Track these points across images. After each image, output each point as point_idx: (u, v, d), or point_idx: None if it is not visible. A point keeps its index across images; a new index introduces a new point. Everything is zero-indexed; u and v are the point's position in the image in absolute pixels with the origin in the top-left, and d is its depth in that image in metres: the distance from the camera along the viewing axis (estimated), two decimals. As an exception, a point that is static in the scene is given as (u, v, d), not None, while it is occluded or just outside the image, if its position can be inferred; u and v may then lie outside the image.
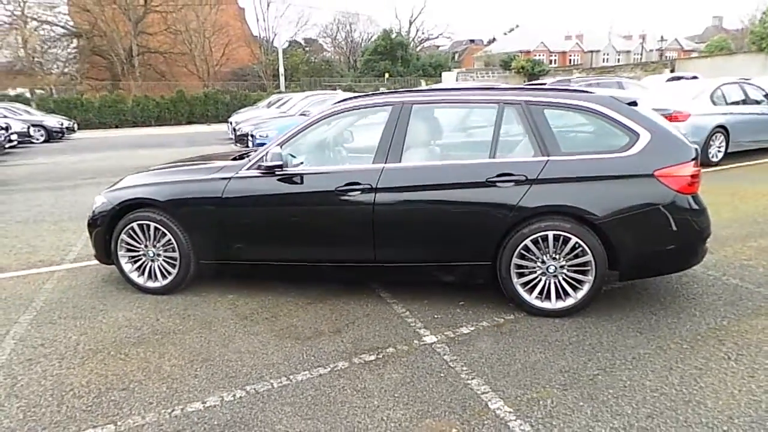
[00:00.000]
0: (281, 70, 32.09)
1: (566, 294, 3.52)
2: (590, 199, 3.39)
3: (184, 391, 2.78)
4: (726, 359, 2.99)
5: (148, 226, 3.97)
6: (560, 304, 3.53)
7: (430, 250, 3.66)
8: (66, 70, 43.47)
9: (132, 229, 4.00)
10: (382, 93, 4.13)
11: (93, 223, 4.13)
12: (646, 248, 3.48)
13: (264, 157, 3.77)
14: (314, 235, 3.81)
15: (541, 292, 3.54)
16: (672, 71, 25.37)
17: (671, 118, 8.45)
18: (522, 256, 3.50)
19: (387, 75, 38.46)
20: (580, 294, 3.49)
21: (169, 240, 3.96)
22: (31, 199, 8.38)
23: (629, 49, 60.45)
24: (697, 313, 3.58)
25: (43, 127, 19.32)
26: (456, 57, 69.76)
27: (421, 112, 3.80)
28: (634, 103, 3.61)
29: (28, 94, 34.12)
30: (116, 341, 3.35)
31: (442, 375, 2.90)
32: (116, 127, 27.08)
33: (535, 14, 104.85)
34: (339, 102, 3.97)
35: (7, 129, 14.81)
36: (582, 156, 3.48)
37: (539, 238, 3.45)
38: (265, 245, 3.90)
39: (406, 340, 3.32)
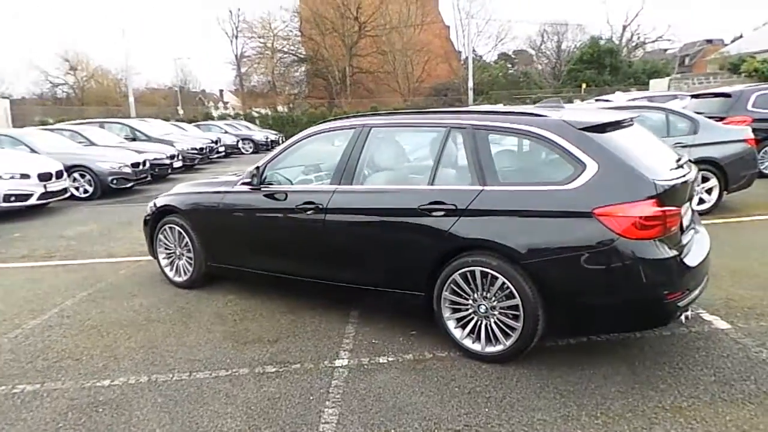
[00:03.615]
0: (470, 84, 32.48)
1: (497, 339, 3.17)
2: (517, 236, 3.01)
3: (110, 369, 3.34)
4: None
5: (173, 228, 4.72)
6: (490, 349, 3.20)
7: (369, 273, 3.64)
8: (295, 91, 50.73)
9: (164, 231, 4.81)
10: (354, 116, 4.21)
11: (145, 223, 5.05)
12: (583, 299, 2.94)
13: (246, 175, 4.21)
14: (281, 249, 4.10)
15: (474, 333, 3.26)
16: None
17: None
18: (454, 292, 3.27)
19: (584, 85, 35.82)
20: (510, 341, 3.11)
21: (187, 243, 4.65)
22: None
23: None
24: (665, 386, 2.88)
25: (252, 140, 23.03)
26: (686, 61, 61.37)
27: (378, 136, 3.79)
28: (600, 127, 3.07)
29: (268, 112, 40.83)
30: (114, 322, 4.11)
31: (310, 397, 2.94)
32: (320, 139, 30.67)
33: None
34: (317, 125, 4.19)
35: (216, 142, 18.13)
36: (518, 187, 3.11)
37: (468, 274, 3.19)
38: (247, 255, 4.33)
39: (319, 359, 3.39)
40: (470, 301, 3.23)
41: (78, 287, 4.97)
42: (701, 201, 6.78)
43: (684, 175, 3.17)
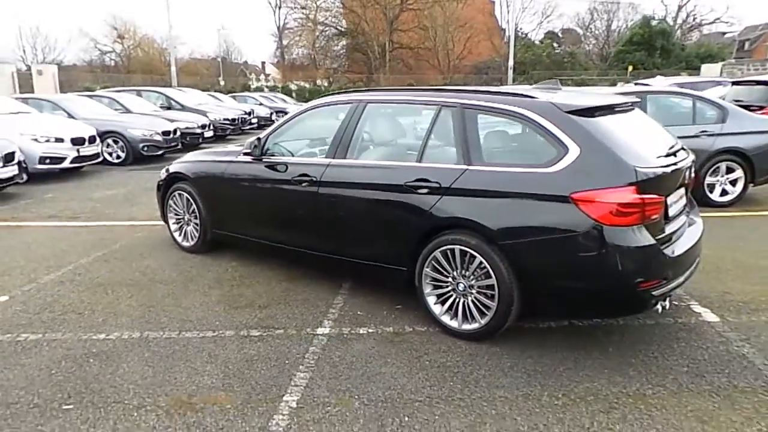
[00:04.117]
0: (510, 63, 31.71)
1: (473, 317, 3.21)
2: (497, 216, 3.02)
3: (108, 324, 3.55)
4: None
5: (182, 195, 4.91)
6: (466, 326, 3.25)
7: (357, 246, 3.73)
8: (335, 65, 50.73)
9: (174, 197, 5.00)
10: (353, 91, 4.23)
11: (157, 188, 5.26)
12: (558, 283, 2.95)
13: (247, 146, 4.32)
14: (278, 219, 4.21)
15: (452, 310, 3.31)
16: None
17: None
18: (435, 269, 3.32)
19: (631, 68, 34.44)
20: (485, 320, 3.15)
21: (194, 209, 4.83)
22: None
23: None
24: (635, 373, 2.87)
25: (285, 113, 23.23)
26: (746, 45, 58.06)
27: (374, 112, 3.83)
28: (588, 111, 3.03)
29: (306, 85, 41.13)
30: (121, 281, 4.34)
31: (286, 361, 3.07)
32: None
33: None
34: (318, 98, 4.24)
35: (250, 114, 18.41)
36: (502, 168, 3.10)
37: (448, 252, 3.23)
38: (247, 223, 4.48)
39: (303, 326, 3.51)
40: (450, 279, 3.28)
41: (94, 247, 5.24)
42: (724, 192, 6.56)
43: (674, 164, 3.09)
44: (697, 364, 2.95)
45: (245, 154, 4.36)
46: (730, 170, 6.49)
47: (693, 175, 3.54)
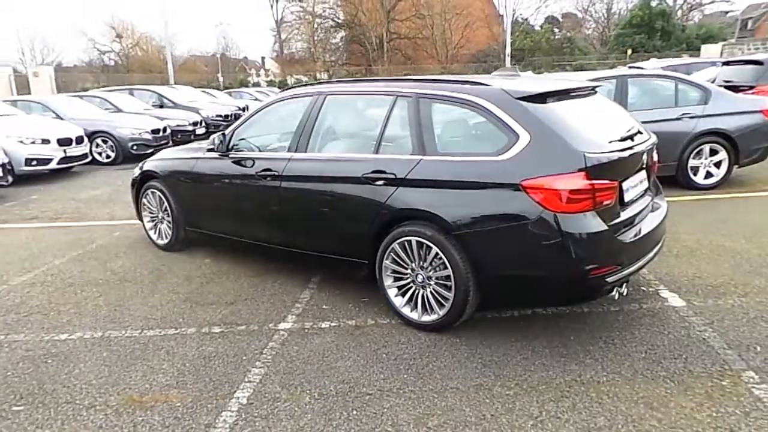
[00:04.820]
0: (507, 50, 31.43)
1: (432, 308, 3.19)
2: (450, 207, 2.99)
3: (72, 324, 3.55)
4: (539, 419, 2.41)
5: (155, 193, 4.89)
6: (425, 318, 3.23)
7: (320, 240, 3.71)
8: (333, 58, 50.54)
9: (147, 195, 4.99)
10: (315, 83, 4.19)
11: (132, 186, 5.23)
12: (511, 273, 2.92)
13: (210, 142, 4.30)
14: (245, 215, 4.19)
15: (412, 301, 3.29)
16: None
17: None
18: (395, 261, 3.29)
19: (630, 52, 34.02)
20: (443, 311, 3.12)
21: (166, 207, 4.82)
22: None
23: None
24: (591, 361, 2.84)
25: (281, 107, 23.18)
26: (749, 24, 57.25)
27: (333, 104, 3.79)
28: (540, 97, 2.97)
29: (305, 79, 41.00)
30: (91, 281, 4.34)
31: (243, 357, 3.06)
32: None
33: None
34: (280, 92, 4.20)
35: (244, 109, 18.36)
36: (455, 158, 3.06)
37: (405, 244, 3.20)
38: (215, 220, 4.47)
39: (265, 321, 3.50)
40: (409, 271, 3.25)
41: (71, 248, 5.25)
42: (709, 175, 6.47)
43: (629, 147, 3.04)
44: (655, 350, 2.92)
45: (209, 150, 4.34)
46: (713, 152, 6.40)
47: (655, 158, 3.49)
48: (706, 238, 4.70)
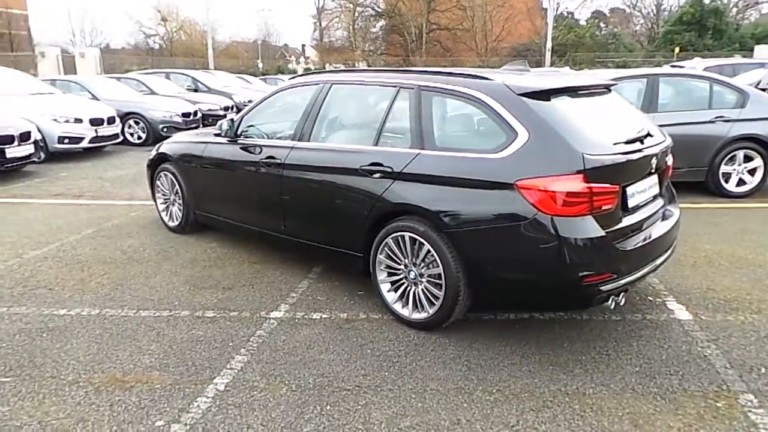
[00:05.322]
0: (549, 44, 30.65)
1: (422, 306, 3.12)
2: (444, 203, 2.90)
3: (73, 300, 3.63)
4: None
5: (167, 175, 4.96)
6: (416, 315, 3.16)
7: (318, 231, 3.68)
8: (372, 47, 50.47)
9: (160, 177, 5.06)
10: (324, 71, 4.14)
11: (147, 167, 5.31)
12: (502, 275, 2.82)
13: (217, 126, 4.31)
14: (248, 201, 4.20)
15: (404, 298, 3.23)
16: None
17: None
18: (389, 256, 3.24)
19: (677, 50, 32.67)
20: (433, 310, 3.05)
21: (177, 190, 4.88)
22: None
23: None
24: (581, 371, 2.72)
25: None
26: (811, 25, 54.16)
27: (337, 93, 3.73)
28: (544, 94, 2.84)
29: (341, 66, 41.12)
30: (100, 258, 4.43)
31: (230, 343, 3.06)
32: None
33: None
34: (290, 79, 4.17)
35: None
36: (452, 153, 2.97)
37: (399, 239, 3.14)
38: (220, 205, 4.50)
39: (258, 309, 3.50)
40: (402, 267, 3.19)
41: (87, 225, 5.38)
42: (741, 182, 6.15)
43: (637, 151, 2.88)
44: (651, 365, 2.77)
45: (216, 135, 4.36)
46: (748, 158, 6.07)
47: (670, 162, 3.31)
48: (729, 249, 4.46)
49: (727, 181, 6.13)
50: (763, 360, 2.80)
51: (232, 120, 4.27)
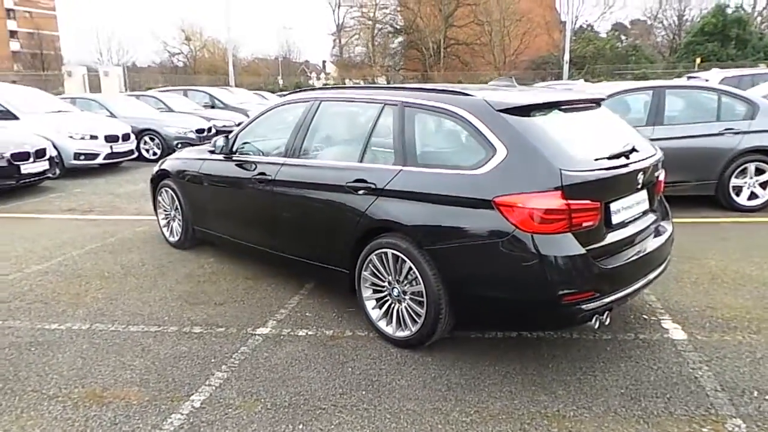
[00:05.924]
0: (566, 57, 30.45)
1: (406, 324, 3.08)
2: (424, 220, 2.88)
3: (66, 315, 3.68)
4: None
5: (168, 191, 5.03)
6: (399, 333, 3.12)
7: (307, 246, 3.68)
8: (391, 63, 50.86)
9: (161, 193, 5.13)
10: (315, 88, 4.16)
11: (150, 182, 5.40)
12: (481, 293, 2.77)
13: (211, 143, 4.36)
14: (241, 217, 4.23)
15: (388, 315, 3.19)
16: None
17: None
18: (373, 273, 3.21)
19: (698, 60, 32.12)
20: (416, 328, 3.01)
21: (177, 206, 4.94)
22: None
23: None
24: (563, 392, 2.64)
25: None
26: (840, 34, 52.85)
27: (326, 111, 3.75)
28: (524, 109, 2.81)
29: (360, 82, 41.56)
30: (99, 273, 4.50)
31: (212, 360, 3.06)
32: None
33: None
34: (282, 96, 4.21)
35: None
36: (433, 169, 2.95)
37: (382, 256, 3.11)
38: (216, 221, 4.53)
39: (245, 325, 3.49)
40: (386, 284, 3.16)
41: (92, 240, 5.48)
42: (753, 196, 5.97)
43: (622, 166, 2.82)
44: (637, 387, 2.68)
45: (210, 152, 4.41)
46: (760, 171, 5.90)
47: (661, 177, 3.23)
48: (734, 266, 4.32)
49: (738, 195, 5.96)
50: (756, 382, 2.68)
51: (227, 137, 4.32)
